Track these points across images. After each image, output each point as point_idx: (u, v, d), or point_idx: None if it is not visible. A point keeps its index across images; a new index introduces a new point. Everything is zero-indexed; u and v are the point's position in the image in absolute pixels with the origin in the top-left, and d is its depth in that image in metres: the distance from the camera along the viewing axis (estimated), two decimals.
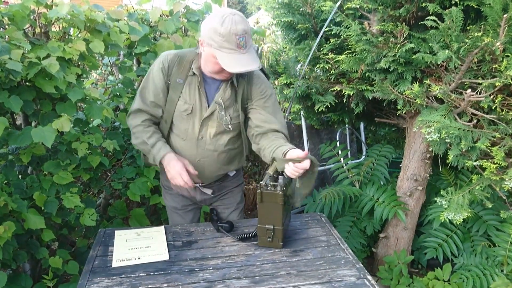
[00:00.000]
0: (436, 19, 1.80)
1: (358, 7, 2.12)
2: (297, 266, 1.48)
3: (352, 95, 2.35)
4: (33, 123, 2.07)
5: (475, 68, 1.89)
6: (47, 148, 1.94)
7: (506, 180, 1.91)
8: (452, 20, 1.78)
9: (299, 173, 1.46)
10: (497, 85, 1.79)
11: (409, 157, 2.57)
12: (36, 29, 2.03)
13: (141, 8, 2.54)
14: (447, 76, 1.98)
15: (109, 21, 2.04)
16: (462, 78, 1.92)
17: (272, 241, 1.59)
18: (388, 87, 2.14)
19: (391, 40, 2.02)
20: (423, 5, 1.91)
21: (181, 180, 1.66)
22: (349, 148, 3.33)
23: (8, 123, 1.73)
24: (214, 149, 1.74)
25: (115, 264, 1.49)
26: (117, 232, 1.75)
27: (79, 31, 2.06)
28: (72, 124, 2.01)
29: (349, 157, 3.21)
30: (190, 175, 1.67)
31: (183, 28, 2.60)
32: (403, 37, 1.99)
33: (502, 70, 1.75)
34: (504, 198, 2.28)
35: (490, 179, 1.99)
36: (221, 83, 1.67)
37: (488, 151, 1.91)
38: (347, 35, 2.16)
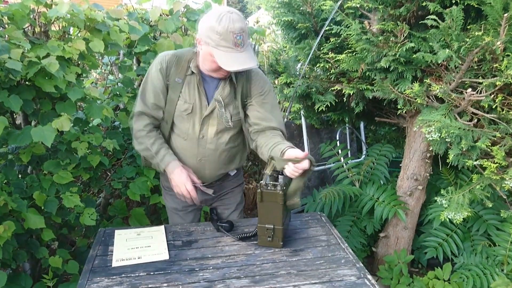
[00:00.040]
0: (436, 18, 1.80)
1: (358, 6, 2.12)
2: (297, 265, 1.48)
3: (352, 94, 2.35)
4: (32, 123, 2.06)
5: (476, 67, 1.89)
6: (47, 147, 1.93)
7: (506, 179, 1.91)
8: (452, 19, 1.78)
9: (298, 173, 1.47)
10: (497, 84, 1.79)
11: (409, 157, 2.57)
12: (35, 28, 2.03)
13: (141, 7, 2.53)
14: (448, 75, 1.98)
15: (109, 20, 2.04)
16: (462, 77, 1.91)
17: (272, 241, 1.58)
18: (388, 87, 2.14)
19: (391, 39, 2.02)
20: (424, 4, 1.91)
21: (185, 190, 1.69)
22: (349, 147, 3.33)
23: (7, 123, 1.72)
24: (215, 148, 1.74)
25: (115, 263, 1.49)
26: (117, 231, 1.74)
27: (79, 30, 2.06)
28: (72, 123, 2.00)
29: (349, 156, 3.21)
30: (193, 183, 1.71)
31: (183, 27, 2.60)
32: (404, 36, 1.99)
33: (502, 69, 1.75)
34: (504, 197, 2.28)
35: (490, 178, 1.98)
36: (220, 80, 1.67)
37: (488, 150, 1.90)
38: (347, 34, 2.16)
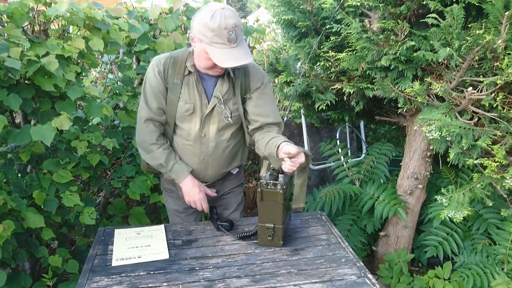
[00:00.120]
0: (437, 17, 1.80)
1: (358, 4, 2.11)
2: (298, 264, 1.48)
3: (352, 93, 2.34)
4: (32, 122, 2.06)
5: (476, 66, 1.88)
6: (47, 146, 1.93)
7: (507, 178, 1.91)
8: (453, 17, 1.77)
9: (295, 168, 1.49)
10: (498, 83, 1.79)
11: (409, 155, 2.57)
12: (35, 27, 2.02)
13: (141, 6, 2.53)
14: (448, 74, 1.98)
15: (109, 19, 2.03)
16: (463, 76, 1.91)
17: (272, 240, 1.58)
18: (388, 85, 2.14)
19: (391, 38, 2.01)
20: (424, 3, 1.90)
21: (200, 206, 1.78)
22: (349, 146, 3.32)
23: (7, 122, 1.72)
24: (217, 146, 1.74)
25: (115, 263, 1.49)
26: (116, 230, 1.74)
27: (78, 29, 2.05)
28: (71, 122, 2.00)
29: (349, 155, 3.21)
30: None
31: (182, 25, 2.59)
32: (404, 35, 1.99)
33: (503, 68, 1.74)
34: (504, 196, 2.27)
35: (491, 177, 1.98)
36: (218, 77, 1.67)
37: (489, 149, 1.90)
38: (347, 33, 2.15)
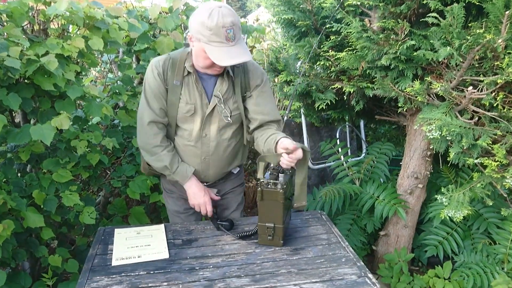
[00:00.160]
0: (437, 16, 1.79)
1: (358, 4, 2.10)
2: (298, 264, 1.47)
3: (352, 92, 2.34)
4: (32, 121, 2.06)
5: (477, 65, 1.88)
6: (46, 146, 1.93)
7: (507, 178, 1.91)
8: (453, 17, 1.77)
9: (293, 163, 1.49)
10: (498, 82, 1.78)
11: (409, 155, 2.57)
12: (34, 26, 2.02)
13: (140, 5, 2.52)
14: (448, 73, 1.97)
15: (108, 18, 2.03)
16: (463, 75, 1.91)
17: (272, 239, 1.58)
18: (389, 85, 2.13)
19: (392, 37, 2.01)
20: (424, 2, 1.90)
21: (204, 210, 1.78)
22: (349, 145, 3.32)
23: (6, 121, 1.72)
24: (219, 145, 1.74)
25: (114, 262, 1.49)
26: (116, 230, 1.74)
27: (78, 28, 2.05)
28: (71, 121, 2.00)
29: (349, 154, 3.20)
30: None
31: (182, 25, 2.59)
32: (404, 34, 1.98)
33: (503, 67, 1.74)
34: (504, 195, 2.27)
35: (491, 177, 1.98)
36: (217, 77, 1.67)
37: (489, 148, 1.90)
38: (347, 32, 2.15)
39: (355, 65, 2.22)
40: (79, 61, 2.16)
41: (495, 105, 1.86)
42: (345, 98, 2.45)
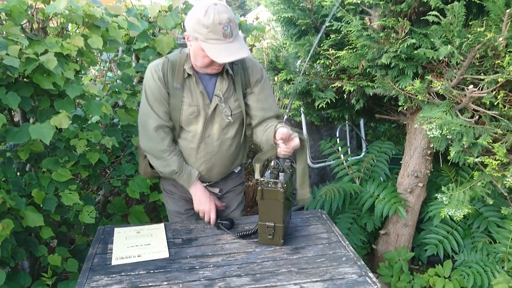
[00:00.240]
0: (438, 14, 1.79)
1: (359, 2, 2.10)
2: (298, 263, 1.47)
3: (352, 91, 2.34)
4: (31, 120, 2.05)
5: (477, 63, 1.87)
6: (46, 145, 1.92)
7: (508, 176, 1.91)
8: (454, 15, 1.76)
9: (290, 151, 1.49)
10: (499, 81, 1.78)
11: (409, 154, 2.56)
12: (33, 25, 2.01)
13: (140, 3, 2.52)
14: (449, 72, 1.97)
15: (108, 16, 2.02)
16: (464, 74, 1.90)
17: (272, 239, 1.57)
18: (389, 83, 2.13)
19: (392, 35, 2.00)
20: (425, 0, 1.89)
21: (208, 217, 1.77)
22: (349, 144, 3.32)
23: (5, 120, 1.71)
24: (222, 144, 1.74)
25: (114, 262, 1.48)
26: (116, 229, 1.73)
27: (77, 27, 2.04)
28: (70, 120, 1.99)
29: (349, 153, 3.20)
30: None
31: (182, 23, 2.58)
32: (405, 32, 1.98)
33: (504, 65, 1.73)
34: (505, 194, 2.27)
35: (491, 175, 1.97)
36: (217, 76, 1.66)
37: (489, 147, 1.89)
38: (347, 31, 2.14)
39: (355, 63, 2.21)
40: (78, 59, 2.15)
41: (495, 103, 1.86)
42: (345, 96, 2.44)
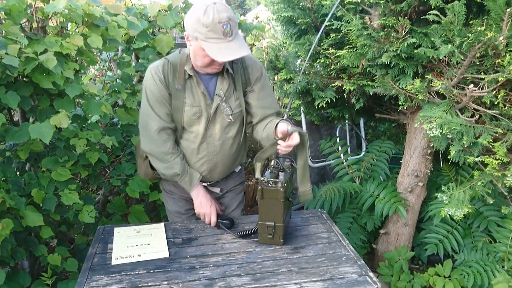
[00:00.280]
0: (438, 14, 1.78)
1: (359, 1, 2.09)
2: (298, 263, 1.47)
3: (352, 90, 2.33)
4: (30, 119, 2.05)
5: (478, 63, 1.87)
6: (45, 144, 1.92)
7: (508, 176, 1.90)
8: (454, 14, 1.76)
9: (290, 149, 1.49)
10: (499, 80, 1.77)
11: (409, 153, 2.56)
12: (33, 24, 2.00)
13: (140, 2, 2.51)
14: (449, 71, 1.96)
15: (107, 15, 2.02)
16: (464, 73, 1.90)
17: (273, 238, 1.57)
18: (389, 83, 2.12)
19: (392, 34, 2.00)
20: (425, 0, 1.89)
21: (208, 220, 1.76)
22: (348, 144, 3.31)
23: (5, 119, 1.71)
24: (224, 144, 1.74)
25: (114, 261, 1.48)
26: (116, 229, 1.73)
27: (77, 26, 2.04)
28: (70, 120, 1.99)
29: (349, 153, 3.20)
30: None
31: (181, 23, 2.57)
32: (405, 31, 1.97)
33: (505, 65, 1.73)
34: (505, 194, 2.27)
35: (492, 175, 1.97)
36: (218, 76, 1.66)
37: (490, 146, 1.89)
38: (347, 30, 2.14)
39: (355, 63, 2.21)
40: (78, 59, 2.15)
41: (496, 103, 1.85)
42: (345, 96, 2.44)
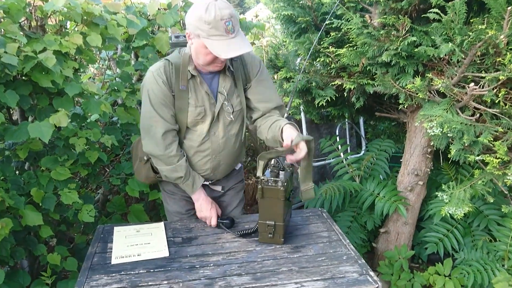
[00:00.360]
0: (438, 12, 1.78)
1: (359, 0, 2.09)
2: (299, 262, 1.47)
3: (352, 89, 2.33)
4: (29, 118, 2.04)
5: (478, 61, 1.86)
6: (44, 143, 1.91)
7: (508, 175, 1.90)
8: (455, 12, 1.75)
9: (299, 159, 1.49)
10: (500, 78, 1.77)
11: (410, 152, 2.56)
12: (32, 22, 1.99)
13: (139, 1, 2.50)
14: (450, 69, 1.96)
15: (107, 14, 2.01)
16: (464, 71, 1.89)
17: (273, 237, 1.57)
18: (389, 81, 2.12)
19: (392, 33, 1.99)
20: None
21: (209, 222, 1.77)
22: (348, 142, 3.31)
23: (4, 118, 1.70)
24: (227, 141, 1.74)
25: (114, 261, 1.48)
26: (116, 228, 1.73)
27: (76, 25, 2.03)
28: (69, 119, 1.98)
29: (349, 152, 3.20)
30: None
31: (181, 21, 2.57)
32: (405, 30, 1.97)
33: (505, 63, 1.72)
34: (505, 192, 2.27)
35: (492, 173, 1.97)
36: (219, 74, 1.66)
37: (490, 145, 1.89)
38: (348, 29, 2.13)
39: (356, 61, 2.20)
40: (77, 57, 2.14)
41: (496, 101, 1.85)
42: (345, 95, 2.44)
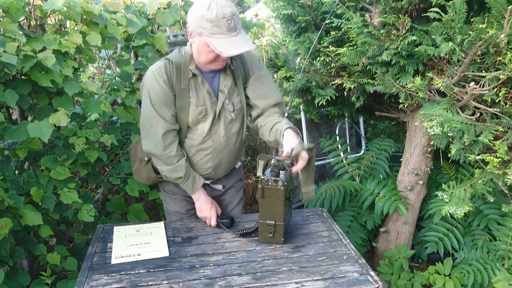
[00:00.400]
0: (439, 11, 1.77)
1: None
2: (299, 262, 1.46)
3: (352, 88, 2.32)
4: (29, 118, 2.04)
5: (479, 60, 1.86)
6: (44, 143, 1.90)
7: (509, 174, 1.90)
8: (455, 12, 1.75)
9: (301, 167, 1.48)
10: (501, 78, 1.77)
11: (410, 151, 2.55)
12: (31, 22, 1.99)
13: (139, 0, 2.50)
14: (450, 69, 1.96)
15: (106, 13, 2.01)
16: (465, 71, 1.89)
17: (273, 237, 1.57)
18: (389, 81, 2.12)
19: (393, 32, 1.99)
20: None
21: (209, 221, 1.76)
22: (348, 142, 3.31)
23: (3, 118, 1.70)
24: (228, 140, 1.73)
25: (114, 260, 1.47)
26: (116, 228, 1.73)
27: (76, 24, 2.02)
28: (69, 118, 1.98)
29: (349, 151, 3.19)
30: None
31: (181, 20, 2.56)
32: (405, 29, 1.96)
33: (506, 62, 1.72)
34: (505, 192, 2.27)
35: (492, 173, 1.97)
36: (220, 73, 1.66)
37: (491, 145, 1.89)
38: (348, 28, 2.13)
39: (356, 60, 2.20)
40: (76, 57, 2.13)
41: (497, 101, 1.85)
42: (345, 94, 2.43)
